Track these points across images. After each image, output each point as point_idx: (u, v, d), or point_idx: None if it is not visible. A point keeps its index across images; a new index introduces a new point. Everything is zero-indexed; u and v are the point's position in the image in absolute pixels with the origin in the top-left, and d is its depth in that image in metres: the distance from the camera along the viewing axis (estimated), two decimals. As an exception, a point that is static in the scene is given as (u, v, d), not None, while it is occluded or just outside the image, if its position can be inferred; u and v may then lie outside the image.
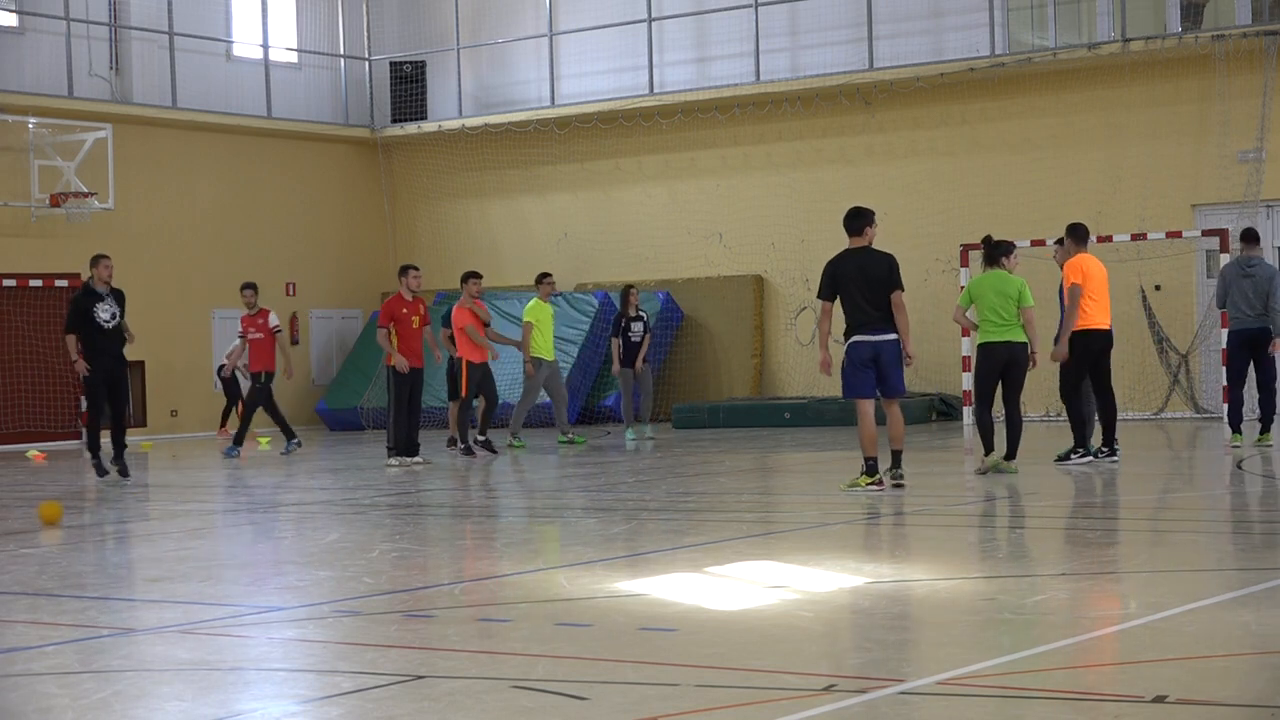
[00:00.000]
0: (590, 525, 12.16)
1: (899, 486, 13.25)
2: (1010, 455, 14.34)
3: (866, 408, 13.13)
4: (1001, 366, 14.33)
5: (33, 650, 7.33)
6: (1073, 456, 15.05)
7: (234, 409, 24.71)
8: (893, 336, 13.07)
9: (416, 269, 18.54)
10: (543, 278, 21.01)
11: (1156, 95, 23.11)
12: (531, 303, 20.73)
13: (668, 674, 6.42)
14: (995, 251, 14.52)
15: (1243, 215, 22.33)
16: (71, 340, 16.81)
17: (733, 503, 13.55)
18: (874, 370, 13.04)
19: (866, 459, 13.20)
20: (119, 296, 17.00)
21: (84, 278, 17.54)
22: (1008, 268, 14.49)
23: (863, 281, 13.02)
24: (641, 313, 21.67)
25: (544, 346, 20.45)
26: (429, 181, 29.39)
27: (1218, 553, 9.80)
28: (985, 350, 14.36)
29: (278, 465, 19.58)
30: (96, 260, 17.07)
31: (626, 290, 21.74)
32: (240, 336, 21.13)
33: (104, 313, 16.73)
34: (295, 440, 20.95)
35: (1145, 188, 23.02)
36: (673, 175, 27.27)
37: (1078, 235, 15.30)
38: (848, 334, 13.14)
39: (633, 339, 21.33)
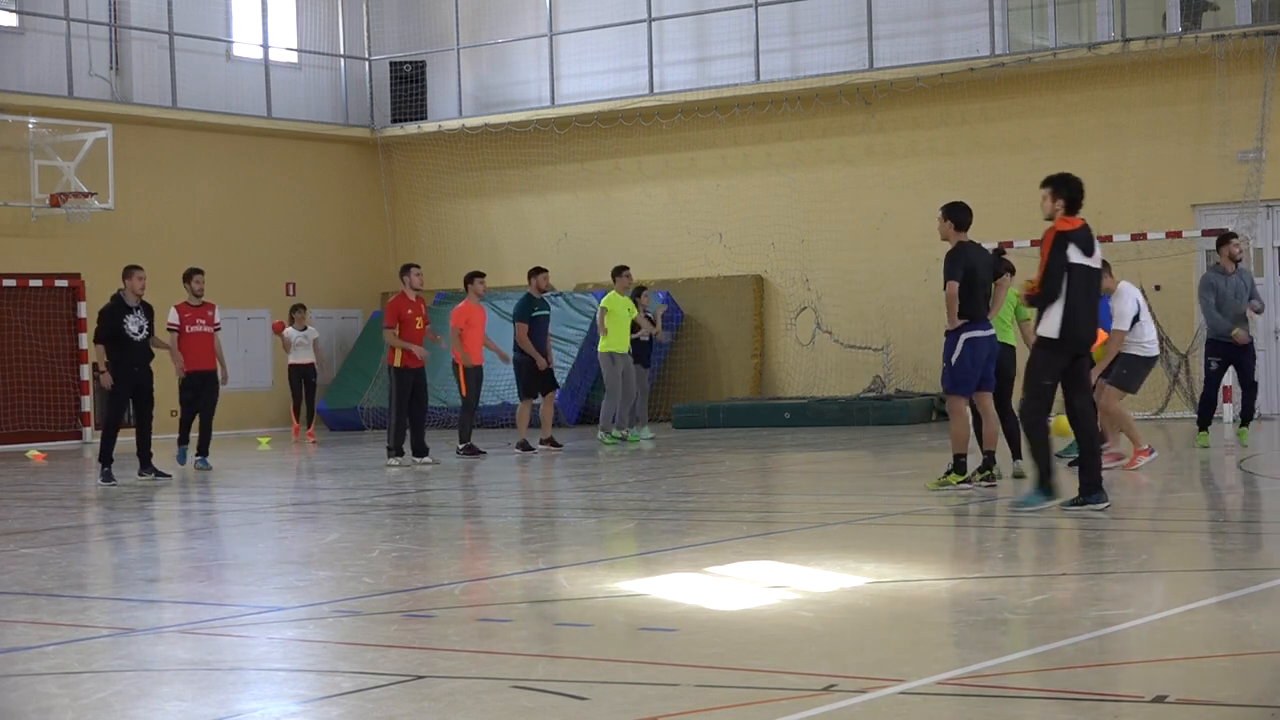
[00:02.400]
0: (590, 525, 12.17)
1: (992, 485, 13.19)
2: (1017, 454, 14.23)
3: (965, 405, 13.16)
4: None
5: (33, 650, 7.33)
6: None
7: (301, 405, 23.96)
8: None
9: (418, 267, 18.56)
10: (619, 271, 20.82)
11: (1156, 95, 23.11)
12: (608, 296, 20.65)
13: (668, 674, 6.43)
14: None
15: (1243, 215, 22.34)
16: (100, 351, 16.78)
17: (733, 503, 13.55)
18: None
19: (956, 456, 13.15)
20: (148, 310, 17.00)
21: (80, 280, 17.20)
22: None
23: (987, 274, 13.11)
24: (650, 314, 21.59)
25: (621, 341, 20.32)
26: (429, 181, 29.39)
27: (1218, 553, 9.80)
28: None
29: (277, 467, 19.58)
30: (130, 271, 16.95)
31: (638, 291, 21.75)
32: (172, 329, 18.08)
33: (133, 325, 16.73)
34: (203, 457, 18.41)
35: (1145, 188, 23.02)
36: (673, 175, 27.27)
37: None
38: (963, 326, 12.95)
39: (641, 338, 21.26)
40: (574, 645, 7.18)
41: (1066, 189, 11.31)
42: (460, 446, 19.15)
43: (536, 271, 20.04)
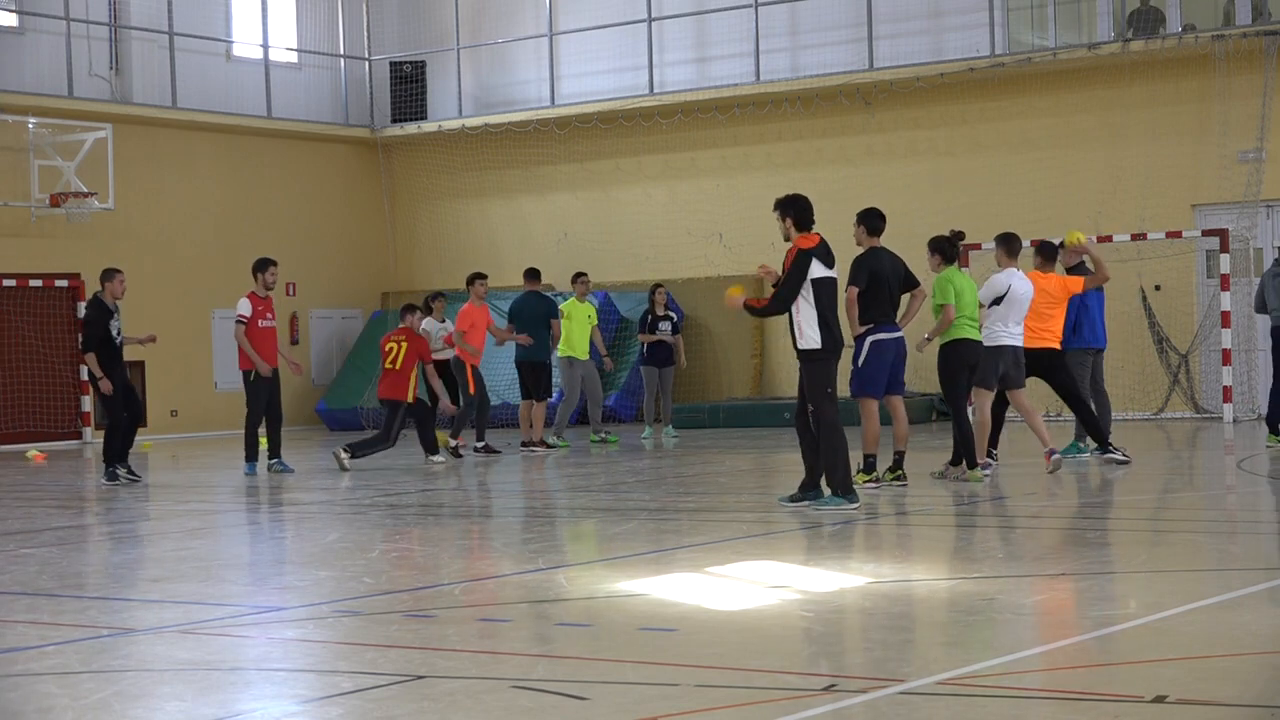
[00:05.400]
0: (590, 525, 12.17)
1: (904, 485, 13.37)
2: (972, 464, 14.10)
3: (875, 406, 13.33)
4: (970, 368, 14.18)
5: (33, 650, 7.33)
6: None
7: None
8: (902, 334, 13.35)
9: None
10: (577, 277, 21.08)
11: (1156, 95, 23.10)
12: (568, 302, 20.88)
13: (668, 674, 6.43)
14: (957, 249, 14.46)
15: (1243, 215, 22.34)
16: (92, 359, 16.47)
17: (733, 503, 13.55)
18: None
19: (866, 456, 13.36)
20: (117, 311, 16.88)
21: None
22: None
23: (894, 279, 13.28)
24: (670, 313, 21.70)
25: (578, 346, 20.45)
26: (429, 181, 29.38)
27: (1218, 553, 9.80)
28: (963, 347, 13.94)
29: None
30: (110, 274, 16.76)
31: (653, 290, 21.99)
32: (243, 321, 17.30)
33: (114, 329, 16.59)
34: (276, 460, 17.56)
35: (1145, 188, 23.01)
36: (673, 175, 27.26)
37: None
38: (868, 331, 13.21)
39: (665, 341, 21.37)
40: (574, 645, 7.17)
41: (793, 208, 12.18)
42: (478, 445, 19.41)
43: (528, 279, 20.57)
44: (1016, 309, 14.27)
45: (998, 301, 14.19)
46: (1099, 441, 15.15)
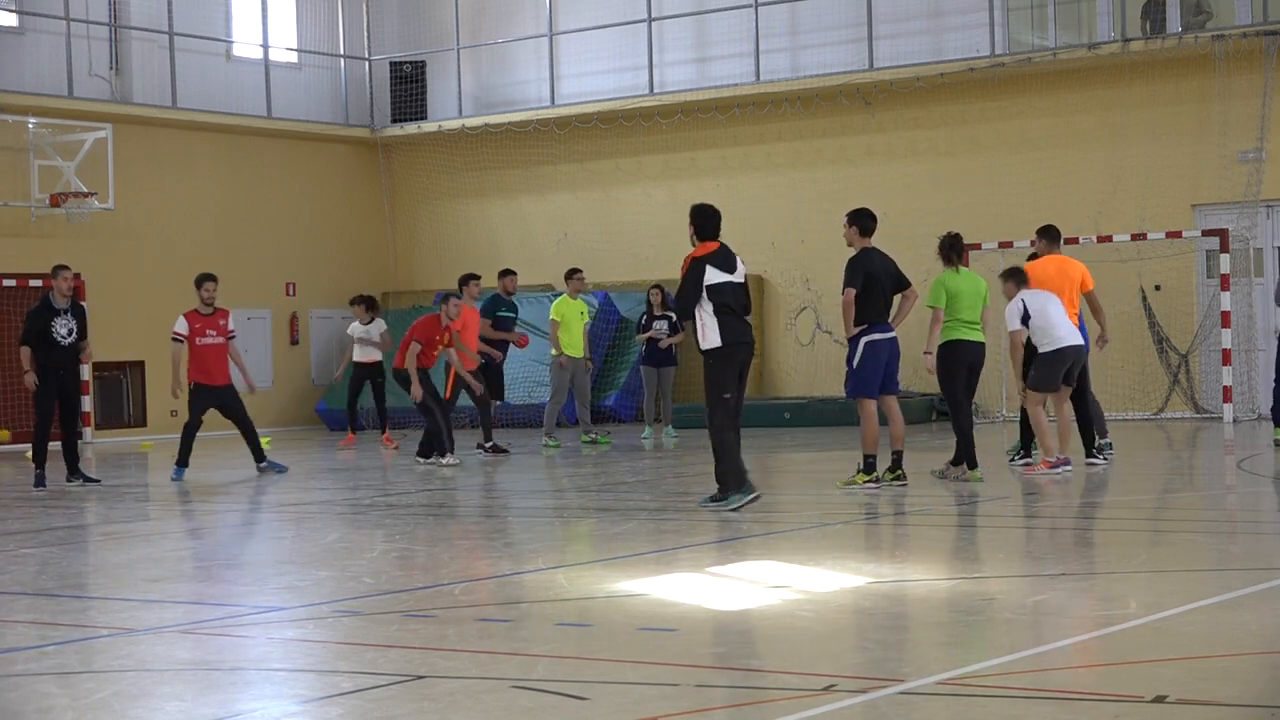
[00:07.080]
0: (590, 525, 12.18)
1: (903, 484, 13.38)
2: (973, 464, 14.14)
3: (873, 407, 13.37)
4: (968, 369, 14.24)
5: (33, 650, 7.33)
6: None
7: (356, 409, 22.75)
8: (895, 334, 13.39)
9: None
10: (571, 273, 20.96)
11: (1156, 95, 23.10)
12: (559, 299, 20.78)
13: (668, 674, 6.43)
14: (960, 249, 14.51)
15: (1243, 215, 22.34)
16: (26, 353, 16.30)
17: (733, 503, 13.53)
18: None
19: (866, 457, 13.40)
20: (79, 311, 16.49)
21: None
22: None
23: (886, 280, 13.34)
24: (668, 313, 21.64)
25: (571, 344, 20.32)
26: (429, 181, 29.39)
27: (1218, 553, 9.81)
28: (959, 348, 14.07)
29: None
30: (56, 271, 16.49)
31: (650, 289, 22.01)
32: (178, 339, 17.23)
33: (61, 328, 16.21)
34: (264, 463, 17.50)
35: (1145, 188, 23.02)
36: (673, 175, 27.26)
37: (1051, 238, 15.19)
38: (862, 331, 13.27)
39: (655, 338, 21.34)
40: (574, 645, 7.18)
41: (699, 218, 12.42)
42: (486, 445, 19.24)
43: (505, 273, 20.57)
44: (1048, 317, 14.26)
45: (1026, 322, 14.27)
46: (1086, 445, 15.14)
